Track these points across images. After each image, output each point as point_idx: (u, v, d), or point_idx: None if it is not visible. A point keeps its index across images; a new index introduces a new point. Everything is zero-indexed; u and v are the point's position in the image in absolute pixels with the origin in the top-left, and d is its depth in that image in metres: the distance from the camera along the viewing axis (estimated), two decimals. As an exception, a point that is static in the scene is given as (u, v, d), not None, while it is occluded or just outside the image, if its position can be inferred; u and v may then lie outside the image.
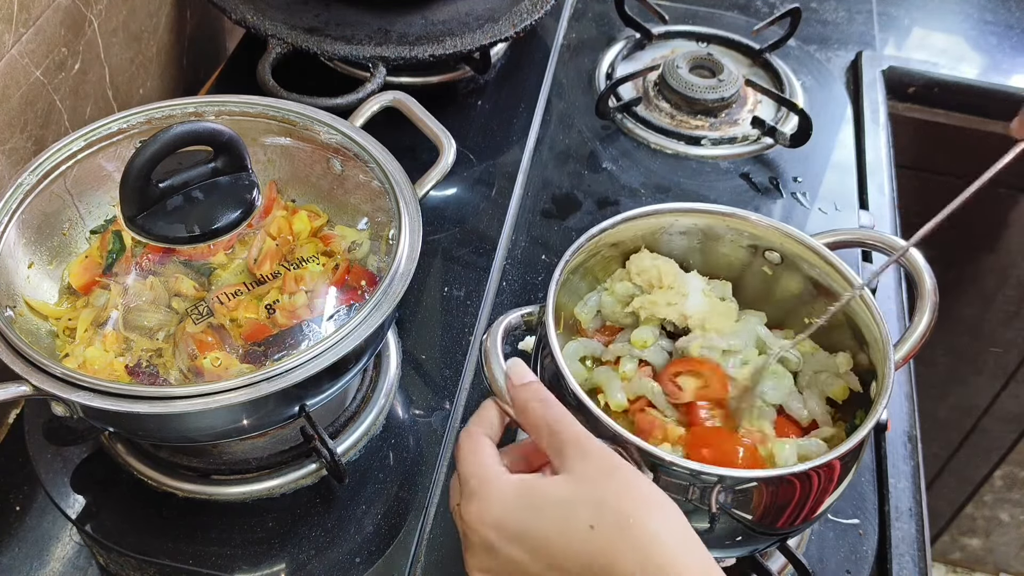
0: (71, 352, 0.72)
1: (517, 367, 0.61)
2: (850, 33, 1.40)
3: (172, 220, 0.72)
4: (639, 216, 0.77)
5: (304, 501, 0.80)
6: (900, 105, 1.36)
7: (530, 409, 0.58)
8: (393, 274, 0.72)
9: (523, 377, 0.60)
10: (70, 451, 0.81)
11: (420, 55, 1.06)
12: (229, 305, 0.74)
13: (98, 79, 0.99)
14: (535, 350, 0.73)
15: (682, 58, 1.22)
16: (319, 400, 0.75)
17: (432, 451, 0.84)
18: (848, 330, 0.74)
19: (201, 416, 0.67)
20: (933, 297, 0.72)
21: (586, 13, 1.39)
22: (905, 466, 0.88)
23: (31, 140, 0.88)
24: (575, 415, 0.58)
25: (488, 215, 1.06)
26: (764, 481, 0.62)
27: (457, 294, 0.97)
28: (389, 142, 0.82)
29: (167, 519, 0.78)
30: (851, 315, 0.73)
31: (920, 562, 0.81)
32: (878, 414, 0.64)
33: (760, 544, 0.70)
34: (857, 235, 0.79)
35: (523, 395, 0.59)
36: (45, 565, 0.78)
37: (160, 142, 0.68)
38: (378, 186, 0.79)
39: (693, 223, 0.79)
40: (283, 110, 0.84)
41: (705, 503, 0.62)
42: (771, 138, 1.17)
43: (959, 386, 1.78)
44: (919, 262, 0.73)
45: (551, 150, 1.17)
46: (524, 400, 0.59)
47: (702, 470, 0.60)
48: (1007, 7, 1.49)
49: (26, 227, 0.75)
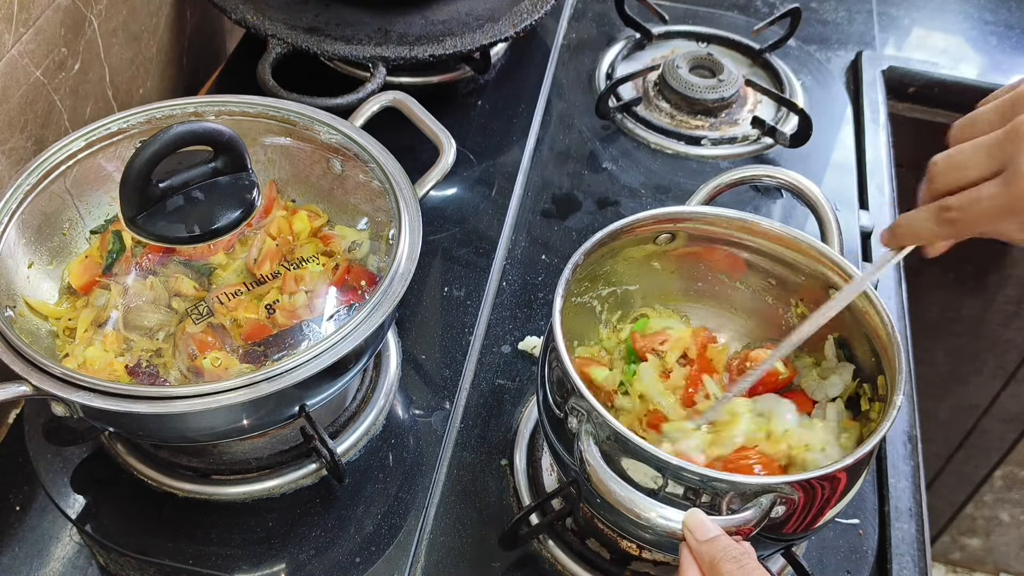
0: (71, 352, 0.72)
1: (696, 517, 0.58)
2: (850, 33, 1.40)
3: (172, 220, 0.72)
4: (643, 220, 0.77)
5: (304, 501, 0.80)
6: (900, 105, 1.36)
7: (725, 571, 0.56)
8: (393, 274, 0.72)
9: (707, 532, 0.58)
10: (70, 451, 0.81)
11: (420, 55, 1.06)
12: (229, 305, 0.74)
13: (98, 79, 0.99)
14: (542, 352, 0.73)
15: (682, 58, 1.22)
16: (319, 400, 0.75)
17: (432, 451, 0.84)
18: (852, 328, 0.74)
19: (201, 416, 0.67)
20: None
21: (586, 13, 1.39)
22: (905, 466, 0.88)
23: (31, 140, 0.88)
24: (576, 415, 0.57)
25: (488, 215, 1.06)
26: (775, 489, 0.61)
27: (457, 294, 0.97)
28: (389, 142, 0.82)
29: (167, 519, 0.78)
30: (857, 316, 0.73)
31: (920, 562, 0.81)
32: (890, 418, 0.64)
33: (766, 550, 0.70)
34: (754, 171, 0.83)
35: (710, 552, 0.57)
36: (45, 565, 0.78)
37: (160, 142, 0.68)
38: (378, 186, 0.79)
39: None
40: (283, 110, 0.83)
41: (715, 509, 0.61)
42: (771, 138, 1.17)
43: (959, 386, 1.78)
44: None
45: (551, 150, 1.17)
46: (712, 558, 0.56)
47: (713, 476, 0.60)
48: (1007, 7, 1.49)
49: (26, 227, 0.75)
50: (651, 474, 0.62)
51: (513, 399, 0.90)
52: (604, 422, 0.62)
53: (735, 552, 0.56)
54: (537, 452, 0.85)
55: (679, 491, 0.62)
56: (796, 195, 0.81)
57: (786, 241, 0.76)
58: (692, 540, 0.57)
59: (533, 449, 0.85)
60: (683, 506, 0.59)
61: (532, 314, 0.97)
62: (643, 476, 0.62)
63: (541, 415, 0.73)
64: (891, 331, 0.69)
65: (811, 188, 0.80)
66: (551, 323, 0.68)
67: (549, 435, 0.71)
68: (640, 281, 0.82)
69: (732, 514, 0.60)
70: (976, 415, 1.83)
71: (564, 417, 0.66)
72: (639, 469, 0.62)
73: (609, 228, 0.75)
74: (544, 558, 0.79)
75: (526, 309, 0.98)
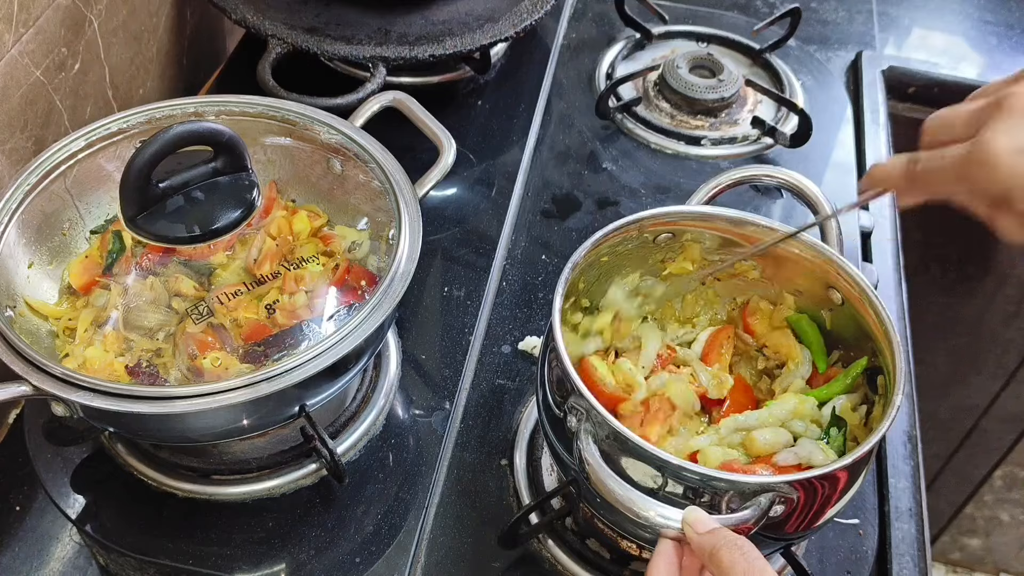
0: (71, 352, 0.72)
1: (695, 512, 0.59)
2: (850, 33, 1.40)
3: (172, 220, 0.72)
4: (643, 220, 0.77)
5: (304, 501, 0.80)
6: (900, 105, 1.36)
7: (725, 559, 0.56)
8: (393, 274, 0.72)
9: (707, 524, 0.58)
10: (70, 451, 0.81)
11: (420, 55, 1.06)
12: (229, 305, 0.74)
13: (98, 79, 0.99)
14: (542, 352, 0.73)
15: (682, 58, 1.22)
16: (319, 400, 0.75)
17: (432, 451, 0.84)
18: (853, 326, 0.74)
19: (201, 416, 0.67)
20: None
21: (586, 13, 1.39)
22: (905, 466, 0.88)
23: (31, 140, 0.88)
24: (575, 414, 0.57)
25: (488, 215, 1.06)
26: (775, 488, 0.61)
27: (457, 294, 0.97)
28: (389, 142, 0.82)
29: (167, 519, 0.78)
30: (858, 316, 0.73)
31: (920, 562, 0.81)
32: (890, 418, 0.64)
33: (766, 550, 0.69)
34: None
35: (710, 541, 0.57)
36: (45, 565, 0.78)
37: (160, 142, 0.68)
38: (378, 186, 0.79)
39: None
40: (283, 110, 0.83)
41: (715, 508, 0.61)
42: (771, 138, 1.17)
43: (959, 386, 1.78)
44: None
45: (551, 150, 1.17)
46: (712, 546, 0.57)
47: (713, 475, 0.60)
48: (1007, 7, 1.49)
49: (26, 227, 0.75)
50: (650, 473, 0.62)
51: (513, 399, 0.90)
52: (604, 421, 0.62)
53: (736, 541, 0.56)
54: (537, 452, 0.85)
55: (679, 490, 0.62)
56: (796, 195, 0.81)
57: (786, 241, 0.76)
58: (691, 533, 0.58)
59: (533, 449, 0.85)
60: (683, 505, 0.59)
61: (532, 314, 0.97)
62: (642, 475, 0.62)
63: (541, 415, 0.73)
64: (891, 331, 0.69)
65: (811, 188, 0.80)
66: (551, 323, 0.68)
67: (549, 435, 0.71)
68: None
69: (731, 513, 0.60)
70: (976, 415, 1.83)
71: (563, 416, 0.66)
72: (638, 468, 0.62)
73: (609, 228, 0.75)
74: (544, 558, 0.79)
75: (526, 309, 0.98)
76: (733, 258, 0.77)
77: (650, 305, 0.82)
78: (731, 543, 0.56)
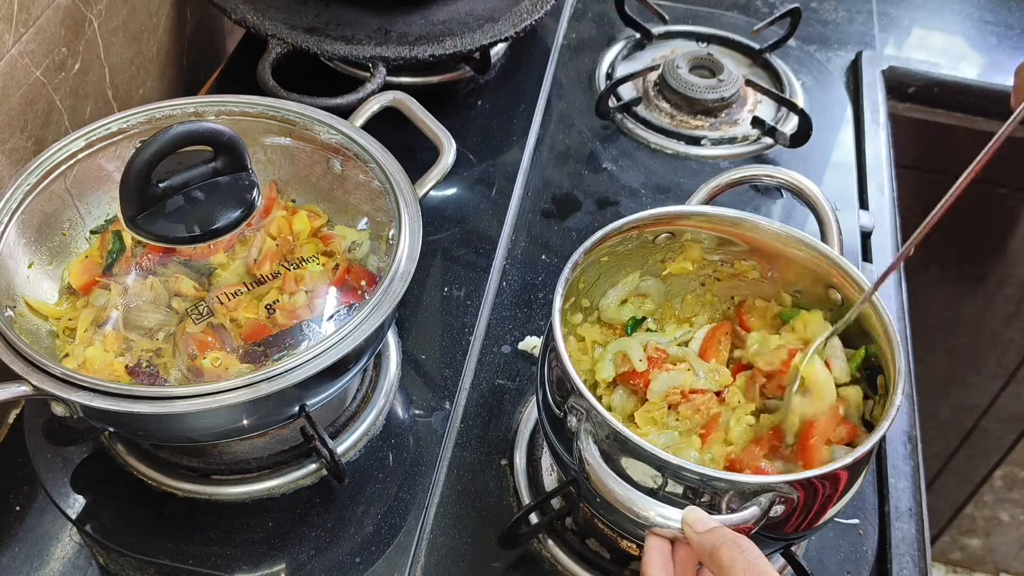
0: (71, 352, 0.72)
1: (695, 512, 0.59)
2: (850, 33, 1.40)
3: (172, 220, 0.72)
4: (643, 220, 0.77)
5: (304, 501, 0.80)
6: (900, 105, 1.36)
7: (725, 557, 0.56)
8: (393, 274, 0.72)
9: (707, 523, 0.58)
10: (70, 451, 0.81)
11: (420, 55, 1.06)
12: (229, 305, 0.74)
13: (98, 79, 0.99)
14: (542, 352, 0.73)
15: (682, 58, 1.22)
16: (319, 400, 0.75)
17: (432, 451, 0.84)
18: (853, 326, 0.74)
19: (201, 416, 0.67)
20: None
21: (586, 13, 1.39)
22: (905, 466, 0.88)
23: (31, 140, 0.88)
24: (575, 414, 0.57)
25: (488, 215, 1.06)
26: (775, 488, 0.61)
27: (457, 294, 0.97)
28: (389, 142, 0.82)
29: (167, 519, 0.78)
30: (858, 316, 0.73)
31: (920, 562, 0.81)
32: (890, 418, 0.64)
33: (766, 550, 0.69)
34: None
35: (710, 540, 0.57)
36: (45, 565, 0.78)
37: (160, 142, 0.68)
38: (378, 186, 0.79)
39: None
40: (283, 110, 0.84)
41: (715, 508, 0.61)
42: (771, 138, 1.17)
43: (959, 386, 1.78)
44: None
45: (551, 150, 1.17)
46: (712, 545, 0.57)
47: (713, 475, 0.60)
48: (1007, 7, 1.49)
49: (26, 227, 0.75)
50: (650, 473, 0.62)
51: (513, 399, 0.90)
52: (603, 421, 0.62)
53: (736, 539, 0.56)
54: (537, 452, 0.85)
55: (679, 490, 0.62)
56: (796, 195, 0.81)
57: (786, 241, 0.76)
58: (691, 532, 0.58)
59: (533, 449, 0.85)
60: (682, 505, 0.59)
61: (532, 314, 0.98)
62: (642, 475, 0.62)
63: (541, 415, 0.73)
64: (891, 331, 0.69)
65: (811, 188, 0.80)
66: (551, 323, 0.68)
67: (549, 435, 0.71)
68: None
69: (731, 513, 0.60)
70: (976, 415, 1.83)
71: (563, 416, 0.66)
72: (638, 468, 0.62)
73: (609, 228, 0.75)
74: (544, 558, 0.79)
75: (526, 309, 0.98)
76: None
77: (651, 305, 0.82)
78: (731, 541, 0.56)
